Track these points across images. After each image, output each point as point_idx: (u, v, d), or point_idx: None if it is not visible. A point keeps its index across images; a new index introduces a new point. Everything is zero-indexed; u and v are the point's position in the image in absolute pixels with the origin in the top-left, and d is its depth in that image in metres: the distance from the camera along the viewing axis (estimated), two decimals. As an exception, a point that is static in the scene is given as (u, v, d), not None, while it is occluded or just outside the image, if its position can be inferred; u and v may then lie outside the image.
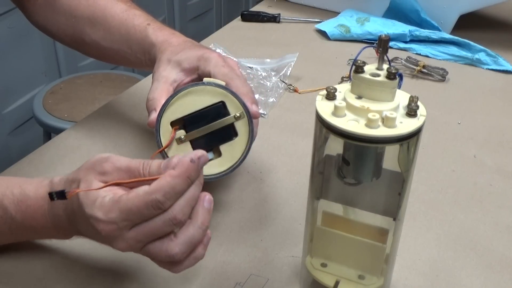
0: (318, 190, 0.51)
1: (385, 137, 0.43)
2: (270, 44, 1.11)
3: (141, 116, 0.83)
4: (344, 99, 0.46)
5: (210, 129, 0.59)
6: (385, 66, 0.45)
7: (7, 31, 1.71)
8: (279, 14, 1.22)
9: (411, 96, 0.45)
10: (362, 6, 1.19)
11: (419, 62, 0.99)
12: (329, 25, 1.14)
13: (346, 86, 0.47)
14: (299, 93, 0.92)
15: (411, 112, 0.45)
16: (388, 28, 1.10)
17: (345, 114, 0.45)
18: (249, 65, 0.96)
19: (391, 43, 1.07)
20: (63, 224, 0.51)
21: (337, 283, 0.52)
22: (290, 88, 0.92)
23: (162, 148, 0.58)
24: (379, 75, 0.45)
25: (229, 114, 0.59)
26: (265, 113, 0.86)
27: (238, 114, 0.59)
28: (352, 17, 1.15)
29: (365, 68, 0.45)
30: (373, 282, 0.52)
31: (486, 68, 1.03)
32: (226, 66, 0.62)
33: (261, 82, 0.92)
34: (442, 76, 0.98)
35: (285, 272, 0.58)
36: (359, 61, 0.45)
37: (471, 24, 1.16)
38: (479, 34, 1.13)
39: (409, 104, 0.45)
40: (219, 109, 0.59)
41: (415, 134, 0.44)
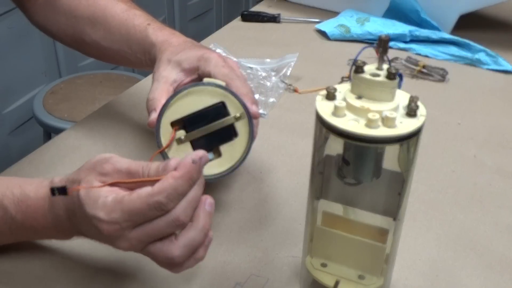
0: (318, 190, 0.51)
1: (385, 137, 0.43)
2: (270, 44, 1.11)
3: (141, 116, 0.83)
4: (344, 99, 0.46)
5: (210, 129, 0.59)
6: (385, 66, 0.45)
7: (7, 31, 1.71)
8: (279, 14, 1.22)
9: (411, 96, 0.45)
10: (362, 6, 1.19)
11: (419, 62, 0.99)
12: (329, 25, 1.14)
13: (346, 86, 0.47)
14: (299, 93, 0.92)
15: (411, 112, 0.45)
16: (388, 28, 1.10)
17: (345, 114, 0.45)
18: (249, 65, 0.96)
19: (391, 43, 1.07)
20: (63, 225, 0.51)
21: (337, 283, 0.52)
22: (290, 88, 0.92)
23: (163, 148, 0.58)
24: (379, 75, 0.45)
25: (229, 115, 0.59)
26: (265, 113, 0.86)
27: (238, 115, 0.59)
28: (352, 17, 1.15)
29: (365, 68, 0.45)
30: (373, 282, 0.52)
31: (486, 68, 1.03)
32: (226, 67, 0.62)
33: (261, 82, 0.92)
34: (442, 76, 0.98)
35: (285, 272, 0.58)
36: (359, 61, 0.45)
37: (471, 24, 1.16)
38: (479, 34, 1.13)
39: (409, 104, 0.45)
40: (219, 110, 0.59)
41: (415, 134, 0.44)
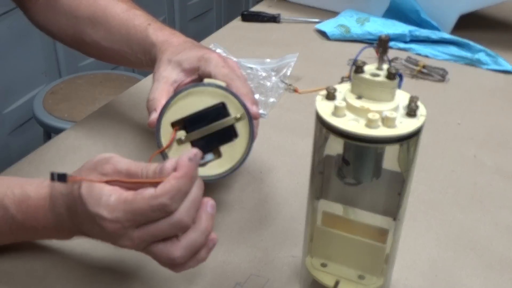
0: (318, 190, 0.51)
1: (385, 137, 0.43)
2: (270, 44, 1.11)
3: (141, 116, 0.83)
4: (344, 99, 0.46)
5: (210, 130, 0.59)
6: (385, 66, 0.45)
7: (7, 31, 1.71)
8: (279, 14, 1.22)
9: (411, 96, 0.45)
10: (362, 6, 1.19)
11: (419, 62, 0.99)
12: (329, 25, 1.14)
13: (346, 86, 0.47)
14: (299, 93, 0.92)
15: (411, 112, 0.45)
16: (388, 28, 1.10)
17: (345, 114, 0.45)
18: (249, 65, 0.96)
19: (391, 43, 1.07)
20: (64, 224, 0.51)
21: (337, 283, 0.52)
22: (290, 88, 0.92)
23: (163, 148, 0.58)
24: (379, 75, 0.45)
25: (230, 115, 0.59)
26: (265, 113, 0.86)
27: (238, 115, 0.59)
28: (352, 17, 1.15)
29: (365, 68, 0.45)
30: (373, 282, 0.52)
31: (486, 68, 1.03)
32: (227, 67, 0.62)
33: (261, 82, 0.92)
34: (442, 76, 0.98)
35: (285, 272, 0.58)
36: (359, 61, 0.45)
37: (471, 24, 1.16)
38: (479, 34, 1.13)
39: (409, 104, 0.45)
40: (220, 110, 0.59)
41: (415, 134, 0.44)
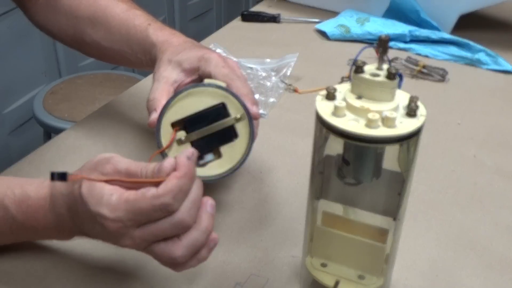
0: (318, 190, 0.51)
1: (385, 137, 0.43)
2: (270, 44, 1.11)
3: (141, 116, 0.83)
4: (344, 99, 0.46)
5: (210, 130, 0.59)
6: (385, 66, 0.45)
7: (7, 31, 1.71)
8: (279, 14, 1.22)
9: (411, 96, 0.45)
10: (362, 6, 1.19)
11: (419, 62, 0.99)
12: (329, 25, 1.14)
13: (346, 86, 0.47)
14: (299, 93, 0.92)
15: (411, 112, 0.45)
16: (388, 28, 1.10)
17: (345, 114, 0.45)
18: (249, 65, 0.96)
19: (391, 43, 1.07)
20: (65, 224, 0.51)
21: (337, 283, 0.52)
22: (290, 88, 0.92)
23: (163, 148, 0.58)
24: (379, 75, 0.45)
25: (230, 116, 0.59)
26: (265, 113, 0.86)
27: (238, 116, 0.59)
28: (352, 17, 1.15)
29: (365, 68, 0.45)
30: (373, 282, 0.52)
31: (486, 68, 1.03)
32: (227, 67, 0.62)
33: (261, 82, 0.92)
34: (442, 76, 0.98)
35: (285, 272, 0.58)
36: (359, 61, 0.45)
37: (471, 24, 1.16)
38: (479, 34, 1.13)
39: (409, 104, 0.45)
40: (220, 111, 0.59)
41: (415, 134, 0.44)
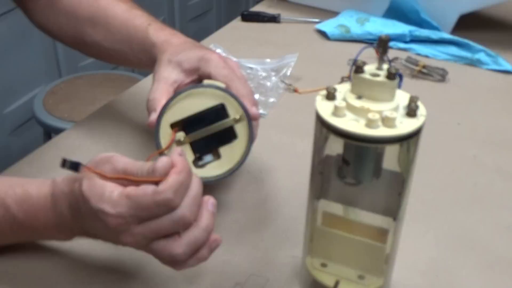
0: (318, 190, 0.51)
1: (385, 137, 0.43)
2: (270, 44, 1.11)
3: (141, 116, 0.83)
4: (344, 99, 0.46)
5: (209, 131, 0.59)
6: (385, 66, 0.45)
7: (7, 31, 1.71)
8: (279, 14, 1.22)
9: (411, 96, 0.45)
10: (362, 6, 1.19)
11: (419, 62, 0.99)
12: (329, 25, 1.14)
13: (346, 86, 0.47)
14: (299, 93, 0.92)
15: (411, 112, 0.45)
16: (388, 28, 1.10)
17: (345, 114, 0.45)
18: (249, 65, 0.96)
19: (391, 43, 1.06)
20: (66, 223, 0.51)
21: (337, 283, 0.52)
22: (290, 88, 0.92)
23: (163, 149, 0.58)
24: (379, 75, 0.45)
25: (229, 117, 0.59)
26: (265, 113, 0.86)
27: (237, 117, 0.59)
28: (352, 17, 1.15)
29: (365, 68, 0.45)
30: (373, 282, 0.52)
31: (486, 68, 1.03)
32: (227, 68, 0.62)
33: (261, 82, 0.92)
34: (442, 76, 0.98)
35: (285, 272, 0.58)
36: (359, 61, 0.45)
37: (471, 24, 1.16)
38: (479, 34, 1.13)
39: (409, 104, 0.45)
40: (219, 112, 0.59)
41: (415, 134, 0.44)
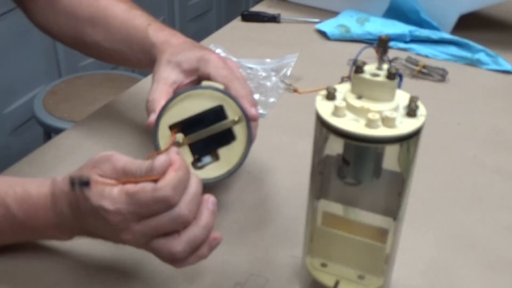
0: (318, 190, 0.51)
1: (385, 137, 0.43)
2: (270, 44, 1.11)
3: (141, 116, 0.83)
4: (344, 99, 0.46)
5: (208, 132, 0.59)
6: (385, 66, 0.45)
7: (7, 31, 1.71)
8: (279, 14, 1.21)
9: (411, 96, 0.45)
10: (362, 6, 1.19)
11: (419, 62, 0.99)
12: (329, 25, 1.14)
13: (346, 86, 0.47)
14: (299, 93, 0.92)
15: (411, 112, 0.45)
16: (388, 28, 1.10)
17: (345, 114, 0.45)
18: (249, 65, 0.96)
19: (391, 43, 1.06)
20: (66, 222, 0.51)
21: (337, 283, 0.52)
22: (290, 88, 0.92)
23: (162, 151, 0.58)
24: (379, 75, 0.45)
25: (228, 118, 0.59)
26: (265, 113, 0.86)
27: (236, 118, 0.59)
28: (352, 17, 1.15)
29: (365, 68, 0.45)
30: (373, 282, 0.52)
31: (486, 68, 1.03)
32: (226, 68, 0.62)
33: (261, 82, 0.92)
34: (442, 76, 0.98)
35: (285, 272, 0.58)
36: (359, 61, 0.45)
37: (471, 24, 1.16)
38: (479, 34, 1.13)
39: (409, 104, 0.45)
40: (218, 113, 0.59)
41: (415, 134, 0.44)
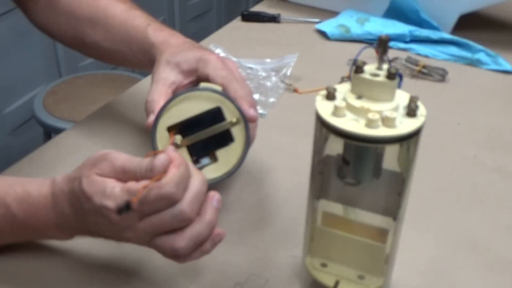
0: (318, 190, 0.51)
1: (385, 137, 0.43)
2: (270, 44, 1.11)
3: (141, 116, 0.82)
4: (344, 99, 0.46)
5: (206, 134, 0.59)
6: (385, 66, 0.45)
7: (7, 31, 1.71)
8: (279, 14, 1.22)
9: (411, 96, 0.45)
10: (362, 6, 1.19)
11: (419, 62, 0.99)
12: (329, 25, 1.14)
13: (346, 86, 0.47)
14: (299, 93, 0.91)
15: (411, 112, 0.45)
16: (388, 28, 1.10)
17: (345, 114, 0.45)
18: (249, 65, 0.96)
19: (391, 43, 1.07)
20: (67, 222, 0.51)
21: (337, 283, 0.52)
22: (290, 88, 0.92)
23: (160, 151, 0.58)
24: (379, 75, 0.45)
25: (226, 120, 0.59)
26: (265, 113, 0.86)
27: (234, 120, 0.59)
28: (352, 17, 1.15)
29: (365, 68, 0.45)
30: (373, 282, 0.52)
31: (486, 68, 1.03)
32: (225, 69, 0.62)
33: (261, 82, 0.92)
34: (442, 76, 0.98)
35: (285, 272, 0.58)
36: (359, 61, 0.45)
37: (471, 24, 1.16)
38: (479, 34, 1.13)
39: (409, 104, 0.45)
40: (216, 115, 0.59)
41: (415, 134, 0.44)
